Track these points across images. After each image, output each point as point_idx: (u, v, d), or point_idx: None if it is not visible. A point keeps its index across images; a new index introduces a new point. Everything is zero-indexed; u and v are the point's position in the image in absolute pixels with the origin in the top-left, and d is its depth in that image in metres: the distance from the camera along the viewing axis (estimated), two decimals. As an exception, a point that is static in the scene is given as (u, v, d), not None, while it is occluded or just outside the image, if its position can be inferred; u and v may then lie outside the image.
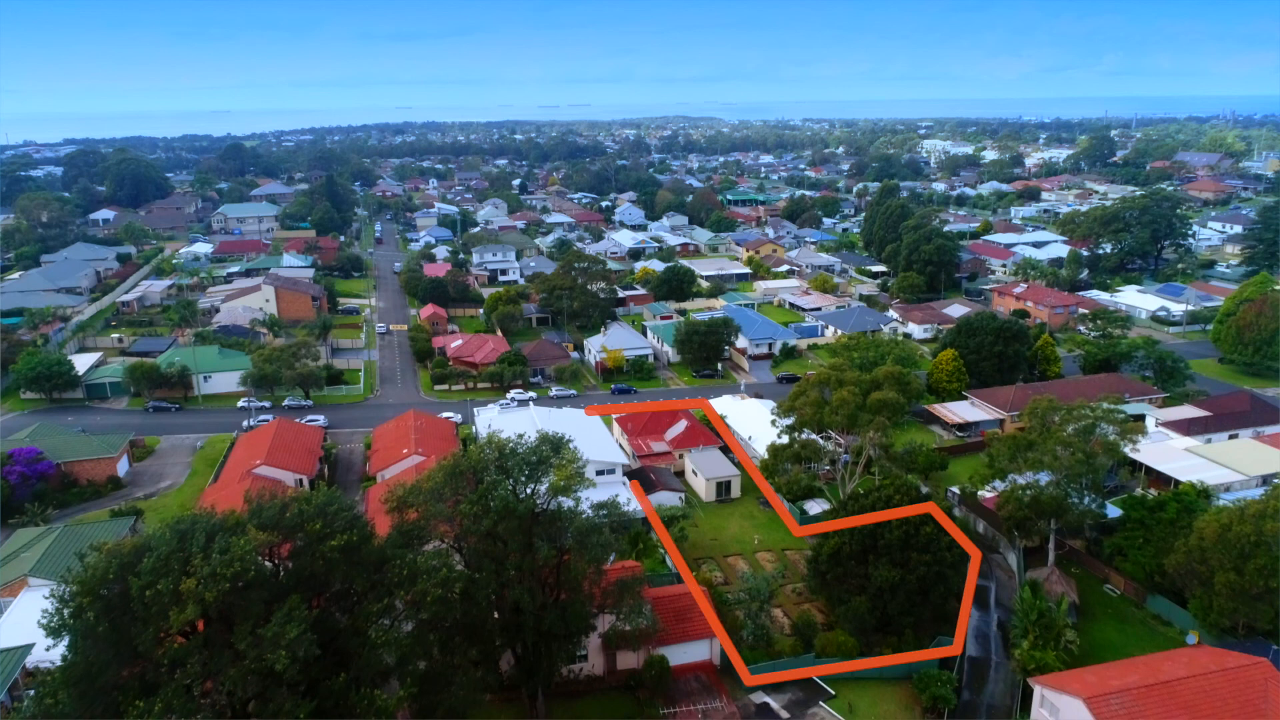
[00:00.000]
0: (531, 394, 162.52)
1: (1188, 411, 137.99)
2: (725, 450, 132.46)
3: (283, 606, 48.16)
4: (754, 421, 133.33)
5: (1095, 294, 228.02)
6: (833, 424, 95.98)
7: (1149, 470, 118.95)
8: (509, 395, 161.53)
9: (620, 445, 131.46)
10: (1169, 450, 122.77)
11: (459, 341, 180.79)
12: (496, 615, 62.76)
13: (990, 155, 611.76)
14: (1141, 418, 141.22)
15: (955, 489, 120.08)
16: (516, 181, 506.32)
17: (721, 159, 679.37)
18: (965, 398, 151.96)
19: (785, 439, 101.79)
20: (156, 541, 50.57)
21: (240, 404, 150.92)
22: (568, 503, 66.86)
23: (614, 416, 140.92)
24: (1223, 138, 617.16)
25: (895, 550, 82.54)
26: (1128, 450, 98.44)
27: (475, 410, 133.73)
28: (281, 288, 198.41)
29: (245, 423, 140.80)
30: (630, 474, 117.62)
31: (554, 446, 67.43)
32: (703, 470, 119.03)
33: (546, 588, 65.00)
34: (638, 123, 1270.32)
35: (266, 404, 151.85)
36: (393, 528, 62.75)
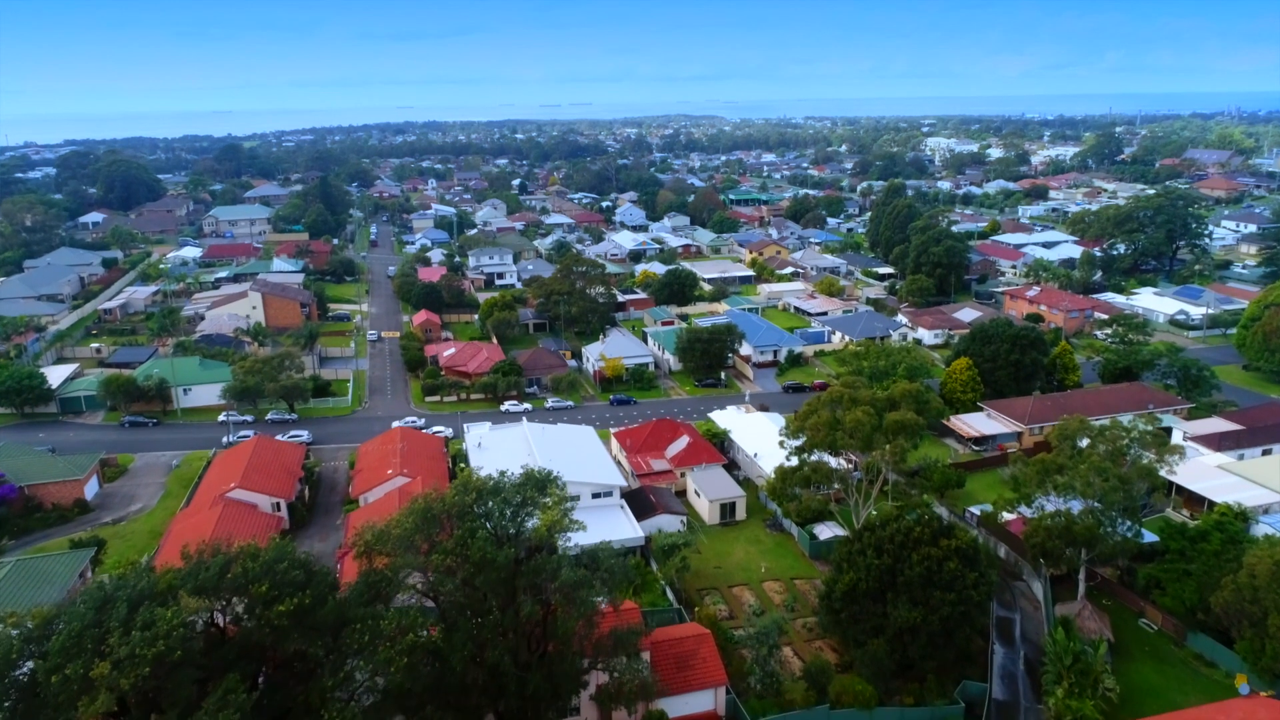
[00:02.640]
0: (526, 405, 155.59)
1: (1217, 424, 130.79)
2: (730, 467, 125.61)
3: (218, 688, 41.24)
4: (760, 437, 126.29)
5: (1110, 297, 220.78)
6: (846, 447, 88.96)
7: (1179, 489, 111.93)
8: (503, 407, 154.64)
9: (619, 462, 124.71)
10: (1201, 467, 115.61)
11: (452, 350, 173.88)
12: (475, 676, 55.77)
13: (995, 153, 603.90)
14: (1168, 431, 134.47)
15: (974, 510, 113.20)
16: (516, 181, 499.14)
17: (723, 158, 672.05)
18: (981, 409, 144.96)
19: (794, 460, 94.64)
20: (70, 615, 43.54)
21: (221, 418, 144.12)
22: (572, 535, 59.81)
23: (612, 431, 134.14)
24: (1231, 134, 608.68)
25: (916, 588, 75.57)
26: (1164, 473, 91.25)
27: (466, 426, 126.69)
28: (269, 294, 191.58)
29: (224, 439, 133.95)
30: (629, 495, 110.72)
31: (539, 485, 60.29)
32: (705, 491, 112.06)
33: (532, 642, 58.15)
34: (639, 121, 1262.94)
35: (249, 418, 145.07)
36: (358, 577, 55.82)
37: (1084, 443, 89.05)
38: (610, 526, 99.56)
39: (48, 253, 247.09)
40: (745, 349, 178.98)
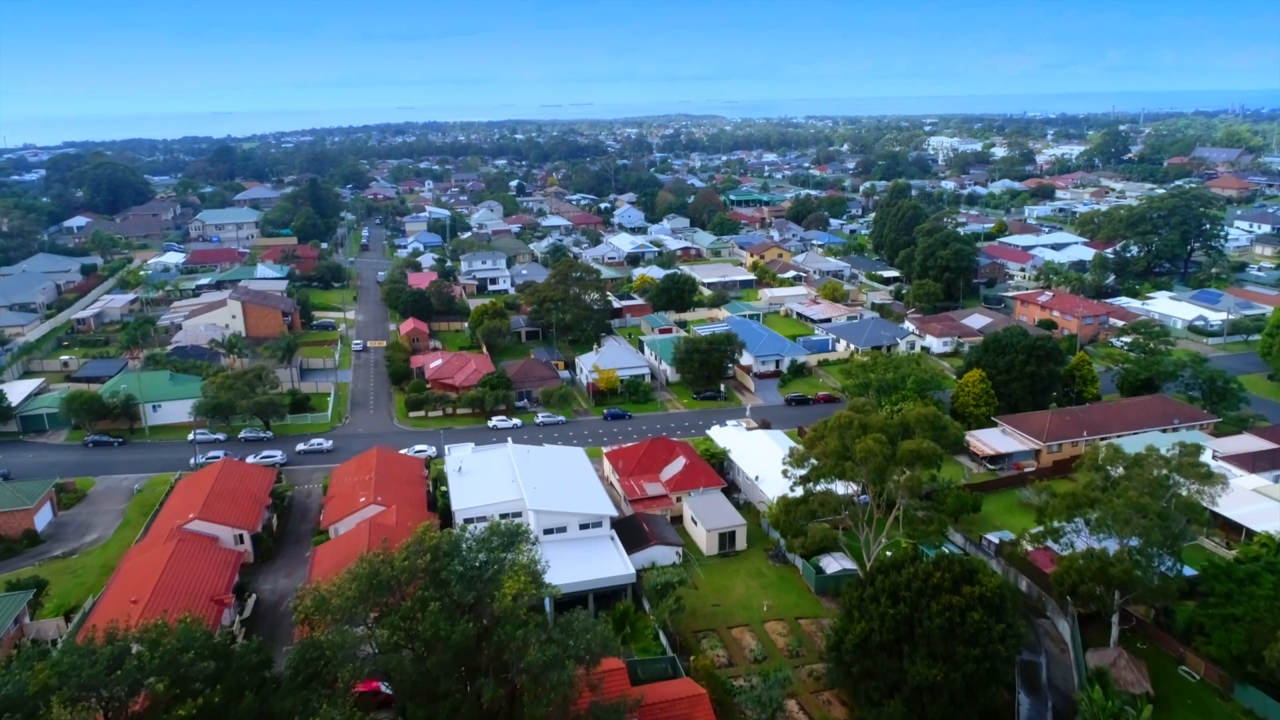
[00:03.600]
0: (515, 421, 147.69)
1: (1249, 442, 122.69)
2: (729, 490, 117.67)
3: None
4: (762, 457, 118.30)
5: (1125, 301, 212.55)
6: (856, 478, 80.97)
7: (1213, 514, 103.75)
8: (491, 422, 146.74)
9: (611, 485, 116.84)
10: (1236, 491, 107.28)
11: (439, 361, 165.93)
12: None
13: (999, 152, 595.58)
14: (1197, 450, 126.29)
15: (993, 538, 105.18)
16: (514, 183, 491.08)
17: (724, 158, 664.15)
18: (995, 424, 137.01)
19: (799, 490, 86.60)
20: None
21: (191, 437, 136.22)
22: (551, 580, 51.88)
23: (604, 451, 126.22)
24: (1239, 132, 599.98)
25: (936, 641, 67.62)
26: (1205, 503, 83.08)
27: (447, 448, 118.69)
28: (249, 302, 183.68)
29: (192, 460, 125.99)
30: (620, 524, 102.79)
31: (507, 541, 52.32)
32: (703, 519, 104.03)
33: (497, 724, 50.22)
34: (640, 121, 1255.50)
35: (221, 436, 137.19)
36: (292, 653, 47.86)
37: (1117, 470, 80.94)
38: (598, 561, 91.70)
39: (25, 259, 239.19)
40: (746, 359, 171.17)
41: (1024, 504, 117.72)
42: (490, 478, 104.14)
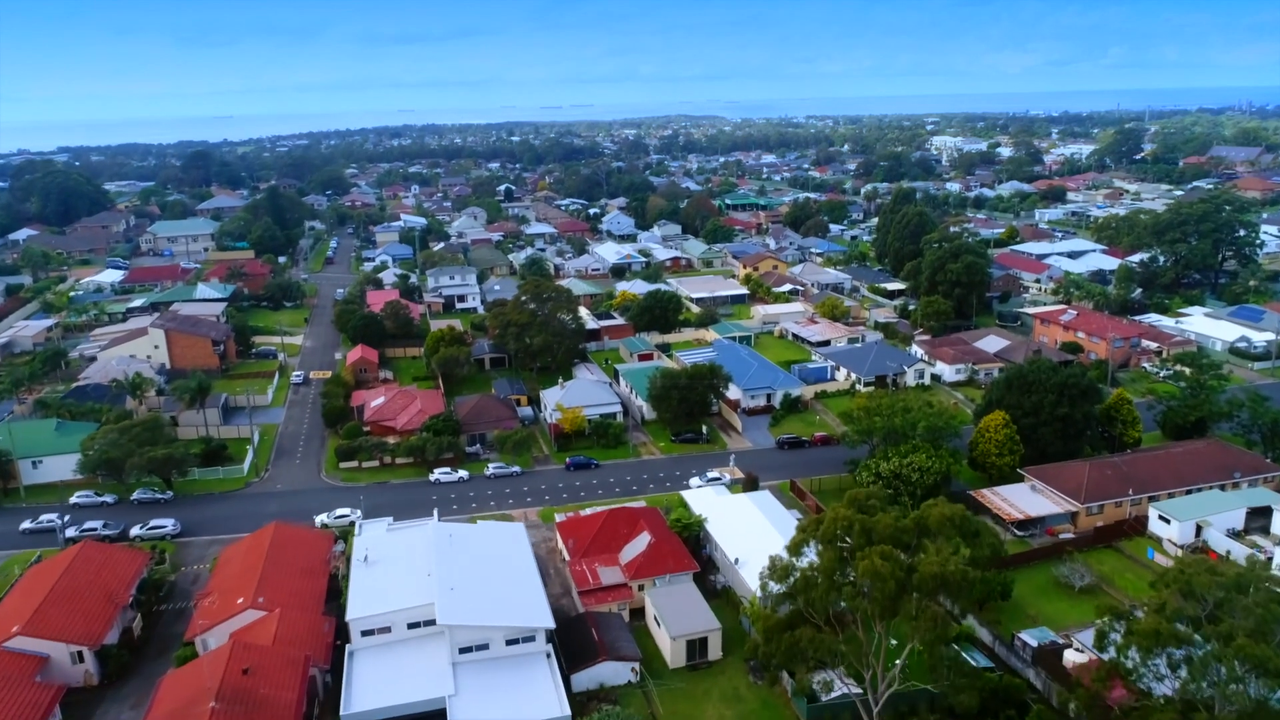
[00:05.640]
0: (462, 473, 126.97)
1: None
2: (706, 568, 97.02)
3: None
4: (745, 531, 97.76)
5: (1156, 319, 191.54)
6: (858, 609, 60.16)
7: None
8: (433, 476, 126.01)
9: (562, 562, 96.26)
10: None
11: (381, 399, 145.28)
12: None
13: (1005, 152, 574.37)
14: (1267, 512, 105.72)
15: (1029, 637, 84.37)
16: (502, 187, 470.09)
17: (722, 159, 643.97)
18: (1022, 476, 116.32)
19: (786, 604, 65.91)
20: None
21: (74, 500, 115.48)
22: None
23: (557, 520, 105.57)
24: (1254, 129, 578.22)
25: None
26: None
27: (359, 525, 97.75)
28: (174, 330, 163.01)
29: (62, 536, 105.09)
30: (564, 627, 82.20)
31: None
32: (669, 619, 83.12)
33: None
34: (639, 122, 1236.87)
35: (109, 499, 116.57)
36: None
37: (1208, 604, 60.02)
38: (523, 696, 70.94)
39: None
40: (733, 392, 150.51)
41: (1062, 583, 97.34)
42: (401, 571, 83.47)
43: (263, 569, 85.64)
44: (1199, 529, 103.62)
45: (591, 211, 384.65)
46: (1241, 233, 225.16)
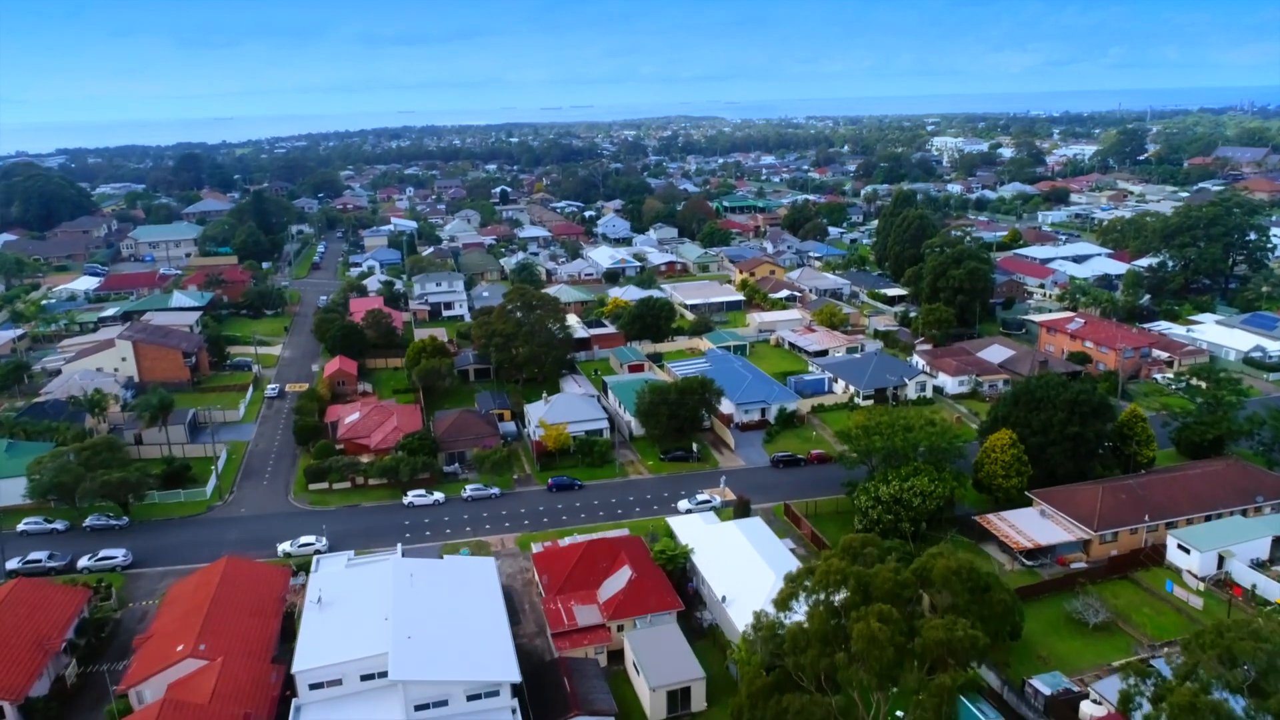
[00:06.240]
0: (438, 495, 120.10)
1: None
2: (692, 604, 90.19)
3: None
4: (735, 564, 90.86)
5: (1166, 327, 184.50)
6: (852, 680, 53.19)
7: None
8: (406, 499, 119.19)
9: (537, 595, 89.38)
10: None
11: (355, 415, 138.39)
12: None
13: (1007, 153, 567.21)
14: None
15: (1041, 684, 77.24)
16: (497, 189, 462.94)
17: (720, 160, 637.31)
18: (1030, 500, 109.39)
19: (773, 666, 58.98)
20: None
21: (21, 527, 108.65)
22: None
23: (533, 551, 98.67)
24: (1260, 129, 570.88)
25: None
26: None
27: (316, 560, 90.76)
28: (143, 341, 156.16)
29: (1, 569, 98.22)
30: (533, 676, 75.32)
31: None
32: (648, 667, 76.14)
33: None
34: (639, 123, 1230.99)
35: (59, 526, 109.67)
36: None
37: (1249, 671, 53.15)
38: (485, 763, 64.07)
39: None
40: (726, 406, 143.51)
41: (1075, 618, 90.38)
42: (357, 614, 76.50)
43: (208, 611, 78.72)
44: (1221, 559, 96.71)
45: (587, 214, 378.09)
46: (1253, 236, 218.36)
